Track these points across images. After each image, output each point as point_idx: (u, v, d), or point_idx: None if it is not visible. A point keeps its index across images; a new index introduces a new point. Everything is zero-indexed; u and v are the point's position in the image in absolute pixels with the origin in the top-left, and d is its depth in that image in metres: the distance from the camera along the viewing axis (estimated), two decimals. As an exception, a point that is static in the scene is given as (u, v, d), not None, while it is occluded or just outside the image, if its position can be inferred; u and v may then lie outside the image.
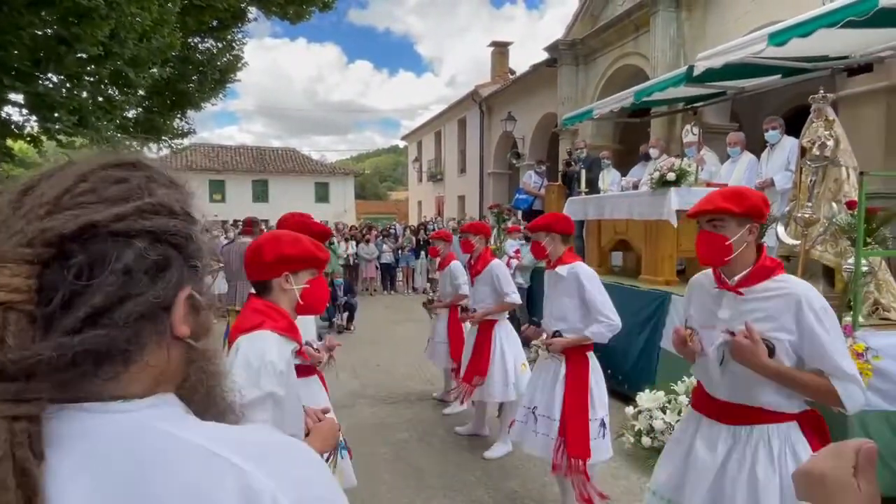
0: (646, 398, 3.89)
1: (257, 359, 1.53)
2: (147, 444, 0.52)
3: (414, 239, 14.24)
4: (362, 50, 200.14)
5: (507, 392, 4.01)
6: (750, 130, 9.33)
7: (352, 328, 8.83)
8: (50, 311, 0.50)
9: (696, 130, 6.32)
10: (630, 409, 3.96)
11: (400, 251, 13.93)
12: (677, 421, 3.72)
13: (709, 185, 5.40)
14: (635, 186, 6.93)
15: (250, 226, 7.07)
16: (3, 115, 11.57)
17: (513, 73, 20.14)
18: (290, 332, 1.65)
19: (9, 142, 12.78)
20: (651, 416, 3.76)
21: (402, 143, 37.27)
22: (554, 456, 2.89)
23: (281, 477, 0.53)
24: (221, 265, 4.19)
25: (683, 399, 3.76)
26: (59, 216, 0.51)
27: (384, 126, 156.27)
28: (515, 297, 4.17)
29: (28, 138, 11.97)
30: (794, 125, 5.34)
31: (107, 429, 0.52)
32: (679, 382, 3.87)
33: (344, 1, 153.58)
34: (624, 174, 8.17)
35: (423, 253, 13.50)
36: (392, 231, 15.74)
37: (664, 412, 3.75)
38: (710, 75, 5.96)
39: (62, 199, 0.53)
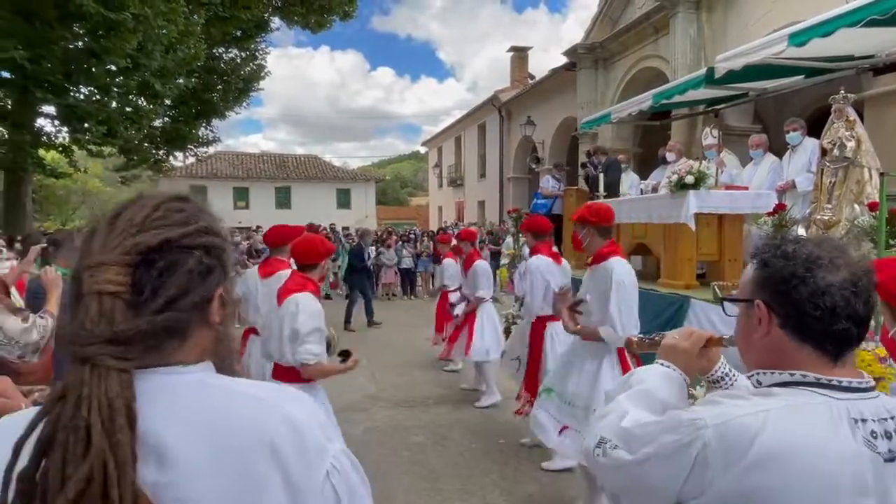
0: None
1: (313, 306, 2.69)
2: (211, 393, 0.74)
3: (432, 245, 14.26)
4: (385, 57, 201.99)
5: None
6: (773, 132, 9.17)
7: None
8: (141, 299, 0.71)
9: (715, 133, 6.24)
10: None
11: (418, 257, 13.98)
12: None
13: (728, 187, 5.33)
14: (654, 190, 6.88)
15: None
16: (36, 126, 12.02)
17: (532, 77, 20.13)
18: (318, 293, 2.84)
19: (41, 152, 13.27)
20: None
21: (423, 149, 37.46)
22: None
23: (306, 412, 0.77)
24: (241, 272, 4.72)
25: (702, 404, 3.71)
26: (145, 234, 0.72)
27: (406, 132, 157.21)
28: (484, 294, 5.50)
29: (59, 148, 12.38)
30: (818, 127, 5.25)
31: (180, 384, 0.73)
32: (698, 387, 3.81)
33: (367, 8, 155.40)
34: (644, 177, 8.11)
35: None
36: (412, 236, 15.82)
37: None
38: (732, 77, 5.89)
39: (145, 222, 0.74)
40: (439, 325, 6.45)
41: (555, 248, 4.50)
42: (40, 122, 11.99)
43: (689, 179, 4.95)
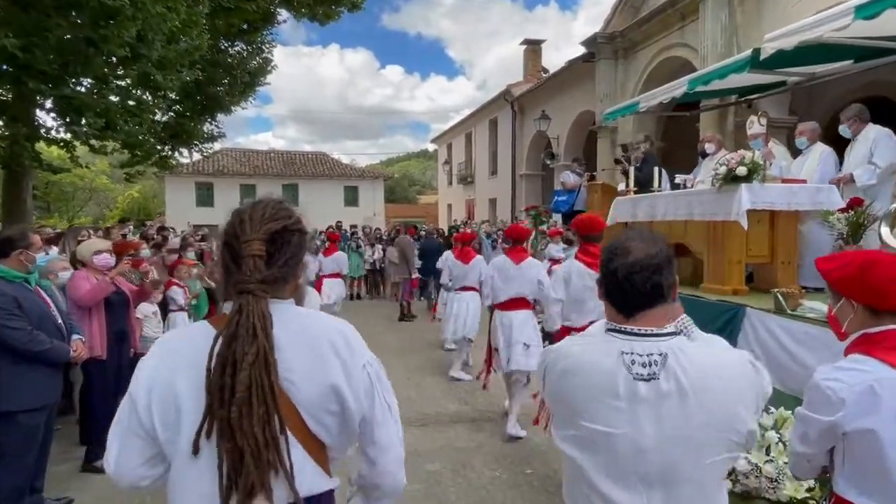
0: (723, 432, 3.27)
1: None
2: (299, 314, 1.26)
3: (442, 243, 13.67)
4: (394, 54, 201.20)
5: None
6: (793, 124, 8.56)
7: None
8: (272, 259, 1.20)
9: (763, 121, 5.64)
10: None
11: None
12: (766, 462, 3.10)
13: (784, 181, 4.73)
14: (685, 185, 6.30)
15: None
16: (37, 120, 11.59)
17: (546, 71, 19.50)
18: None
19: (43, 146, 12.85)
20: (732, 455, 3.13)
21: (431, 147, 36.90)
22: None
23: (349, 328, 1.30)
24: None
25: (772, 435, 3.14)
26: (271, 223, 1.21)
27: (415, 130, 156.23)
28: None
29: (61, 143, 11.95)
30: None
31: (283, 309, 1.22)
32: (765, 413, 3.24)
33: (377, 5, 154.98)
34: (670, 173, 7.51)
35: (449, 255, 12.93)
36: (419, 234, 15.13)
37: (747, 450, 3.13)
38: (778, 60, 5.30)
39: (269, 216, 1.22)
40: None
41: None
42: (41, 116, 11.61)
43: (741, 171, 4.36)
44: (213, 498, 1.09)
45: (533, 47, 21.13)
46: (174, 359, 1.17)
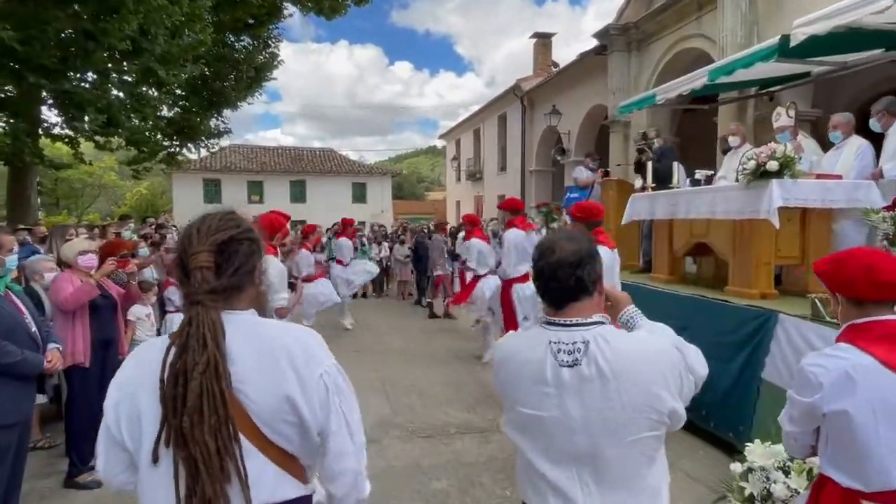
0: (758, 452, 2.97)
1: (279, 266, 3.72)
2: (256, 325, 1.25)
3: (450, 241, 13.31)
4: (403, 51, 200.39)
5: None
6: (826, 118, 8.17)
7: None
8: (221, 269, 1.21)
9: (791, 113, 5.30)
10: (737, 466, 3.05)
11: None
12: (806, 488, 2.79)
13: (819, 176, 4.40)
14: (709, 181, 5.97)
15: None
16: (42, 116, 11.43)
17: (556, 65, 19.11)
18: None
19: (48, 142, 12.70)
20: (768, 478, 2.84)
21: (440, 144, 36.58)
22: None
23: (311, 337, 1.29)
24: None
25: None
26: (218, 234, 1.23)
27: (423, 126, 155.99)
28: (471, 265, 6.81)
29: (66, 139, 11.79)
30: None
31: (239, 319, 1.22)
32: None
33: (386, 2, 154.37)
34: (688, 168, 7.17)
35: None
36: (425, 231, 14.70)
37: (786, 473, 2.83)
38: (805, 48, 4.96)
39: (215, 227, 1.24)
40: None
41: None
42: (46, 113, 11.44)
43: (772, 166, 4.05)
44: None
45: (543, 41, 20.72)
46: (139, 371, 1.21)
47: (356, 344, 7.63)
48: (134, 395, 1.18)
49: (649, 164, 6.14)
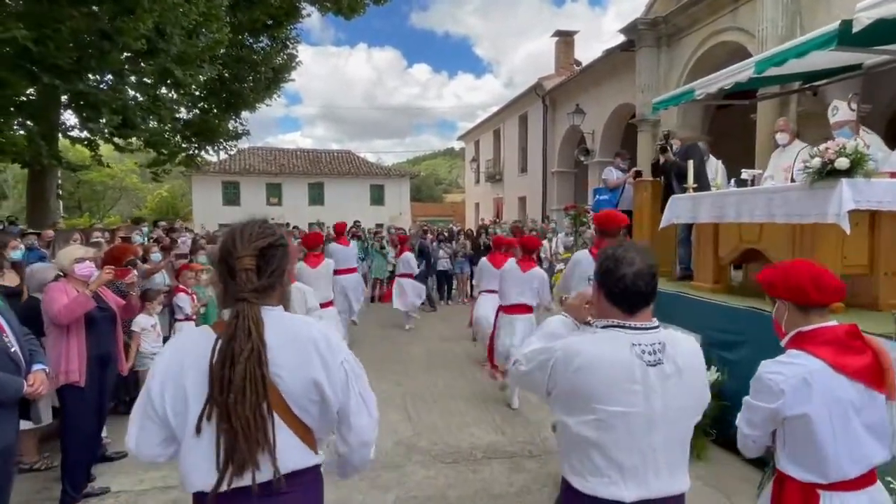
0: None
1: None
2: (285, 319, 1.45)
3: (469, 244, 12.88)
4: (422, 53, 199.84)
5: None
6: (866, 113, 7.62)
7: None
8: (262, 271, 1.42)
9: (853, 105, 4.82)
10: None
11: (454, 257, 12.57)
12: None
13: (893, 175, 3.92)
14: (753, 182, 5.50)
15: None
16: (62, 119, 11.34)
17: (578, 64, 18.62)
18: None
19: (68, 144, 12.62)
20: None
21: (458, 146, 36.23)
22: None
23: (330, 330, 1.50)
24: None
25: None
26: (259, 240, 1.43)
27: (442, 128, 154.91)
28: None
29: (85, 142, 11.69)
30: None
31: (272, 314, 1.42)
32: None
33: (405, 4, 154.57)
34: (729, 168, 6.69)
35: (483, 259, 12.16)
36: (446, 234, 14.32)
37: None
38: (868, 35, 4.49)
39: (256, 234, 1.44)
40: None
41: None
42: (64, 115, 11.34)
43: (842, 163, 3.59)
44: (212, 471, 1.33)
45: (565, 39, 20.24)
46: (181, 356, 1.40)
47: (376, 352, 7.31)
48: (179, 375, 1.37)
49: (690, 164, 5.67)
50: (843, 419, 1.68)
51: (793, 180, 4.90)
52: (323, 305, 5.51)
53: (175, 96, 12.56)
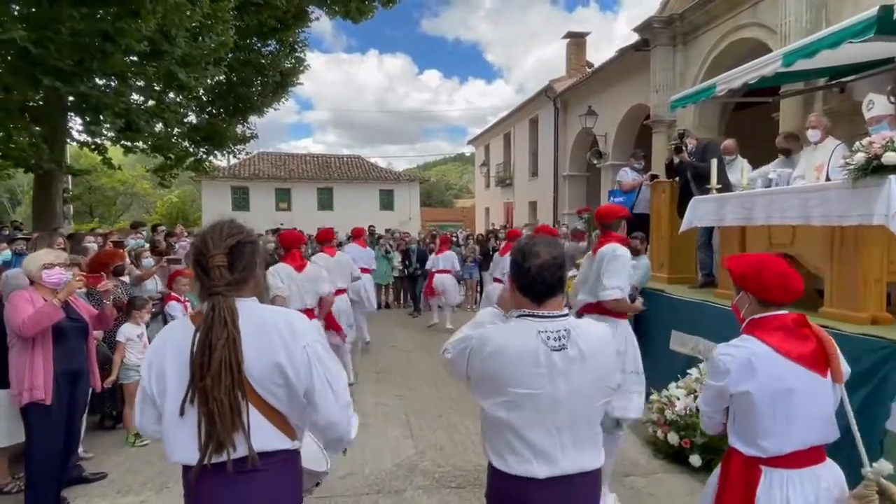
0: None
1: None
2: (257, 309, 1.57)
3: (478, 249, 12.54)
4: (433, 59, 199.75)
5: None
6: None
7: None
8: (233, 266, 1.54)
9: (893, 99, 4.45)
10: None
11: (463, 262, 12.24)
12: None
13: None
14: (771, 182, 5.14)
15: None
16: (69, 123, 11.21)
17: (590, 66, 18.27)
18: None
19: (76, 148, 12.51)
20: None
21: (468, 151, 35.96)
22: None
23: (297, 319, 1.61)
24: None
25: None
26: (230, 238, 1.55)
27: (452, 134, 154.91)
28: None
29: (92, 146, 11.55)
30: None
31: (245, 305, 1.54)
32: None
33: (416, 10, 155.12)
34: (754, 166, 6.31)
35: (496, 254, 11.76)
36: (454, 239, 13.97)
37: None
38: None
39: (228, 233, 1.57)
40: None
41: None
42: (73, 120, 11.20)
43: (890, 158, 3.22)
44: (194, 449, 1.47)
45: (576, 41, 19.91)
46: (164, 345, 1.57)
47: (378, 362, 6.99)
48: (161, 362, 1.53)
49: (714, 163, 5.31)
50: (783, 399, 1.81)
51: (828, 179, 4.53)
52: (337, 293, 5.92)
53: (181, 100, 12.39)
